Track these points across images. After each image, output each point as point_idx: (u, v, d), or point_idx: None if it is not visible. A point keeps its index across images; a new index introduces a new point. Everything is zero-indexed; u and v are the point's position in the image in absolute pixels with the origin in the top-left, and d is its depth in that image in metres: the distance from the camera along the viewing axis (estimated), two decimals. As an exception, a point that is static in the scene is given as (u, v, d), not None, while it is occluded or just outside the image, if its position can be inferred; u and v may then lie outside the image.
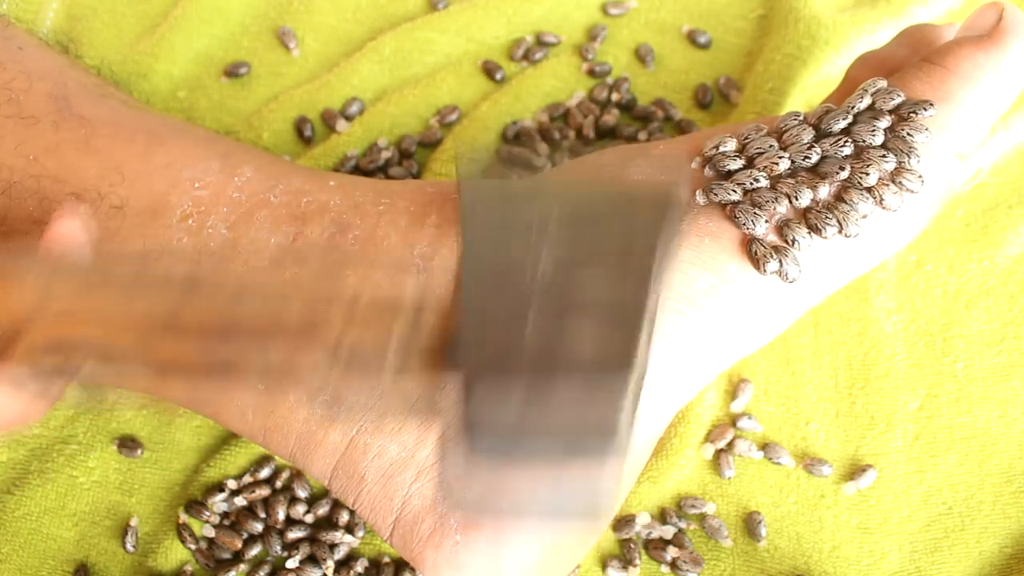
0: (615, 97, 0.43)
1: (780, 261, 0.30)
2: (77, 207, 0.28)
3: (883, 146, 0.31)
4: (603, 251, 0.22)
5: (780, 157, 0.30)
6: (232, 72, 0.44)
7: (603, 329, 0.21)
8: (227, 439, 0.38)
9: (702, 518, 0.37)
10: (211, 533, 0.37)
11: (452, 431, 0.20)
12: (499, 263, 0.21)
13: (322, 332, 0.21)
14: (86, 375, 0.22)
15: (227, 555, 0.37)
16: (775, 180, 0.30)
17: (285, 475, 0.37)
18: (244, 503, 0.37)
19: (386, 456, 0.30)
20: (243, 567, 0.36)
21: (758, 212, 0.30)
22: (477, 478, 0.21)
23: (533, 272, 0.21)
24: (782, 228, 0.30)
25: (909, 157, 0.30)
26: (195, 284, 0.22)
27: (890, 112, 0.31)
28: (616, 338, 0.21)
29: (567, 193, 0.23)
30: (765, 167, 0.30)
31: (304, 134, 0.43)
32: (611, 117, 0.42)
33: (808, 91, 0.42)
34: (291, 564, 0.36)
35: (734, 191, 0.30)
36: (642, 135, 0.43)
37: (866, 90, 0.32)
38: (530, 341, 0.20)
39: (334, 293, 0.22)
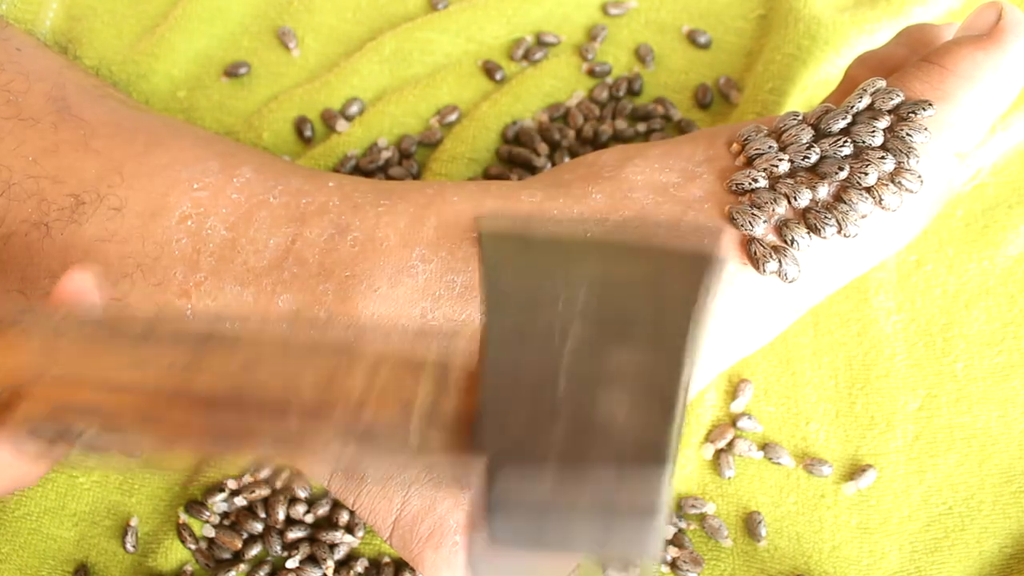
0: (622, 93, 0.44)
1: (779, 261, 0.30)
2: (91, 265, 0.28)
3: (882, 146, 0.30)
4: (635, 327, 0.21)
5: (780, 160, 0.30)
6: (232, 72, 0.44)
7: (637, 415, 0.20)
8: (227, 439, 0.38)
9: (702, 518, 0.37)
10: (211, 533, 0.37)
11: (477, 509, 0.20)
12: (525, 338, 0.20)
13: (338, 407, 0.20)
14: (88, 441, 0.21)
15: (227, 555, 0.37)
16: (774, 180, 0.30)
17: (285, 475, 0.37)
18: (244, 503, 0.37)
19: (385, 457, 0.30)
20: (243, 567, 0.36)
21: (756, 213, 0.30)
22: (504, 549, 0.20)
23: (560, 349, 0.20)
24: (781, 228, 0.30)
25: (908, 157, 0.30)
26: (207, 344, 0.21)
27: (889, 112, 0.31)
28: (651, 425, 0.20)
29: (596, 253, 0.22)
30: (765, 168, 0.30)
31: (304, 134, 0.43)
32: (621, 122, 0.43)
33: (808, 91, 0.42)
34: (291, 564, 0.36)
35: (759, 179, 0.30)
36: (641, 128, 0.43)
37: (865, 90, 0.32)
38: (558, 429, 0.19)
39: (351, 361, 0.21)
